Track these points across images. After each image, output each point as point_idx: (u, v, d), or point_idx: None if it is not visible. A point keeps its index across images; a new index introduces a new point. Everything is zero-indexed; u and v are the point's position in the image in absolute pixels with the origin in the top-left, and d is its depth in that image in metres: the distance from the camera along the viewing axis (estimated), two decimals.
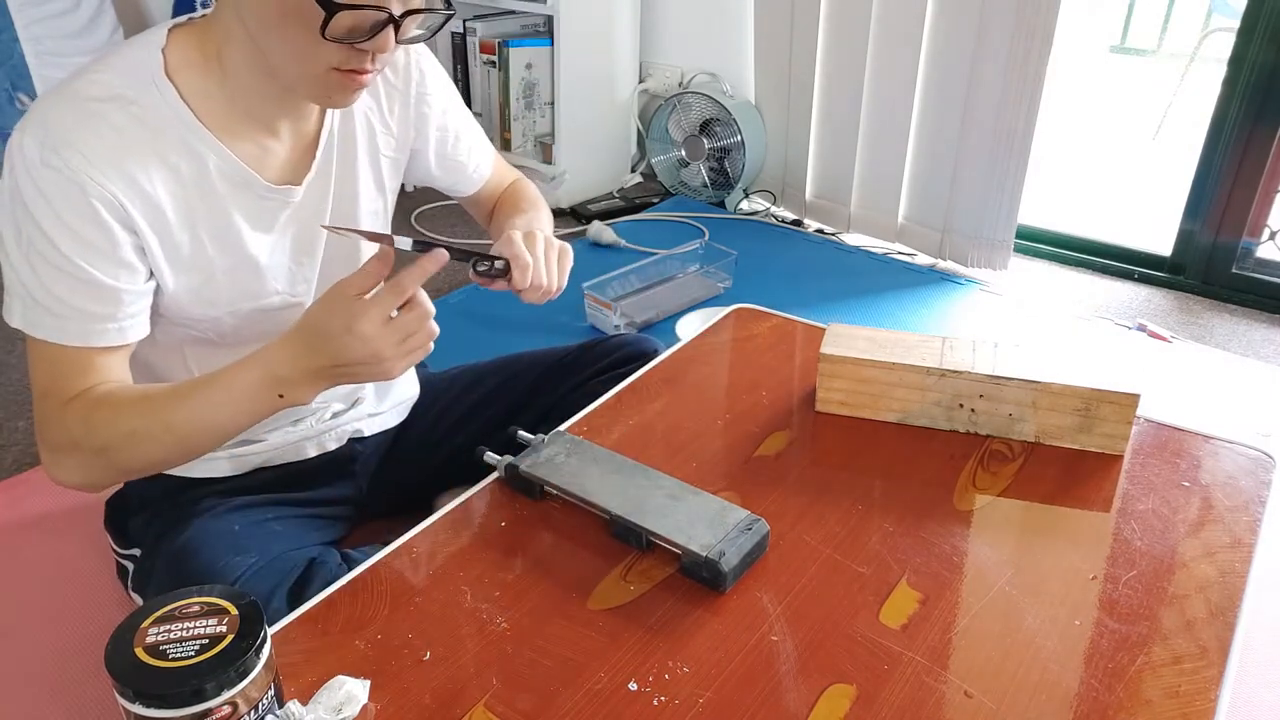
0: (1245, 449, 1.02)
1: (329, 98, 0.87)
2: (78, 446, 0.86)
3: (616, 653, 0.75)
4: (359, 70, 0.83)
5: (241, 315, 0.97)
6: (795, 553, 0.86)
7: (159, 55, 0.86)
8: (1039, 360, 1.02)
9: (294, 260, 0.99)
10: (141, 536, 1.08)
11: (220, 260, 0.92)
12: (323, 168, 0.98)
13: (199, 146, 0.88)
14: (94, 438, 0.85)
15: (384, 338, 0.80)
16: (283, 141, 0.94)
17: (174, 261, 0.90)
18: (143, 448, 0.85)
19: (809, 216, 2.69)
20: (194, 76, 0.87)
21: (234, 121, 0.89)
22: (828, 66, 2.50)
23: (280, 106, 0.91)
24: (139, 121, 0.84)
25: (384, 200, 1.08)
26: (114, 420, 0.84)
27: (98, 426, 0.84)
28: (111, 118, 0.83)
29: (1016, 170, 2.26)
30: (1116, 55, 4.90)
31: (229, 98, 0.88)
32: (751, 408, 1.08)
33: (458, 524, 0.90)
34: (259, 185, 0.92)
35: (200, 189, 0.89)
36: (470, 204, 1.25)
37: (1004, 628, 0.78)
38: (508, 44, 2.69)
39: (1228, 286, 2.30)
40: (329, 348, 0.81)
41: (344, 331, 0.79)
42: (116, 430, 0.84)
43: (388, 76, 1.03)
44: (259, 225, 0.94)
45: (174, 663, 0.59)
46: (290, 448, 1.11)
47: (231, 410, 0.85)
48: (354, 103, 0.90)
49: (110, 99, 0.83)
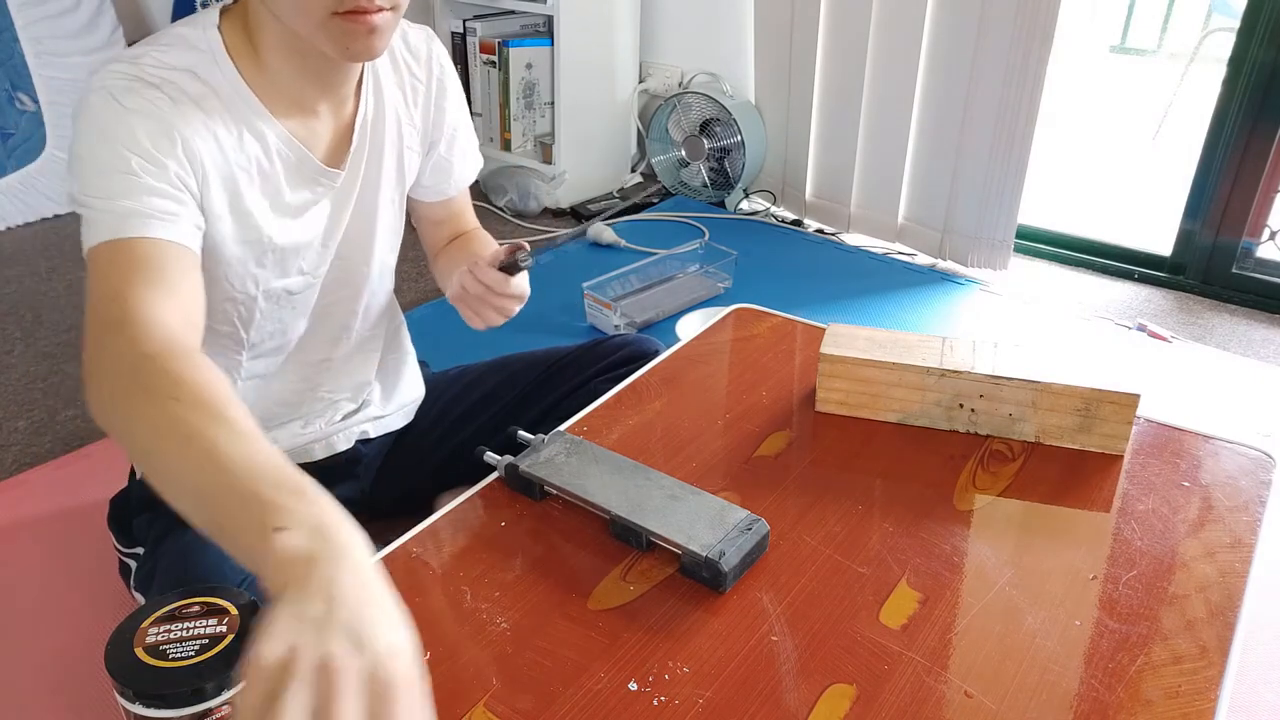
0: (1245, 449, 1.02)
1: (347, 48, 0.84)
2: (117, 371, 0.69)
3: (616, 653, 0.75)
4: (359, 10, 0.81)
5: (272, 295, 0.99)
6: (795, 553, 0.86)
7: (217, 35, 0.88)
8: (1039, 360, 1.02)
9: (321, 243, 1.01)
10: (144, 535, 1.08)
11: (271, 233, 0.95)
12: (357, 152, 1.00)
13: (260, 124, 0.90)
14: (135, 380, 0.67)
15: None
16: (325, 124, 0.96)
17: (232, 228, 0.91)
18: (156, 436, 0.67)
19: (809, 216, 2.69)
20: (245, 57, 0.89)
21: (281, 103, 0.91)
22: (828, 66, 2.50)
23: (316, 86, 0.92)
24: (208, 96, 0.87)
25: (402, 191, 1.09)
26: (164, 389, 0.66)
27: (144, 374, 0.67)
28: (185, 86, 0.85)
29: (1016, 170, 2.26)
30: (1116, 55, 4.90)
31: (270, 80, 0.90)
32: (751, 408, 1.08)
33: (458, 524, 0.90)
34: (312, 165, 0.95)
35: (260, 165, 0.92)
36: (432, 215, 1.19)
37: (1004, 628, 0.78)
38: (508, 44, 2.69)
39: (1228, 286, 2.30)
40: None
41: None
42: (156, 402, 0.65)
43: (413, 70, 1.04)
44: (305, 204, 0.97)
45: (174, 663, 0.59)
46: (298, 450, 1.11)
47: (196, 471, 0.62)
48: (377, 50, 0.86)
49: (183, 70, 0.86)
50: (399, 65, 1.04)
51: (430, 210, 1.19)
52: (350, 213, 1.03)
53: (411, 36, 1.05)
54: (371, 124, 1.01)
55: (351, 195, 1.02)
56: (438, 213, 1.19)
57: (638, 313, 2.09)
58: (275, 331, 1.04)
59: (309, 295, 1.04)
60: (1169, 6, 4.82)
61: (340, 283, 1.07)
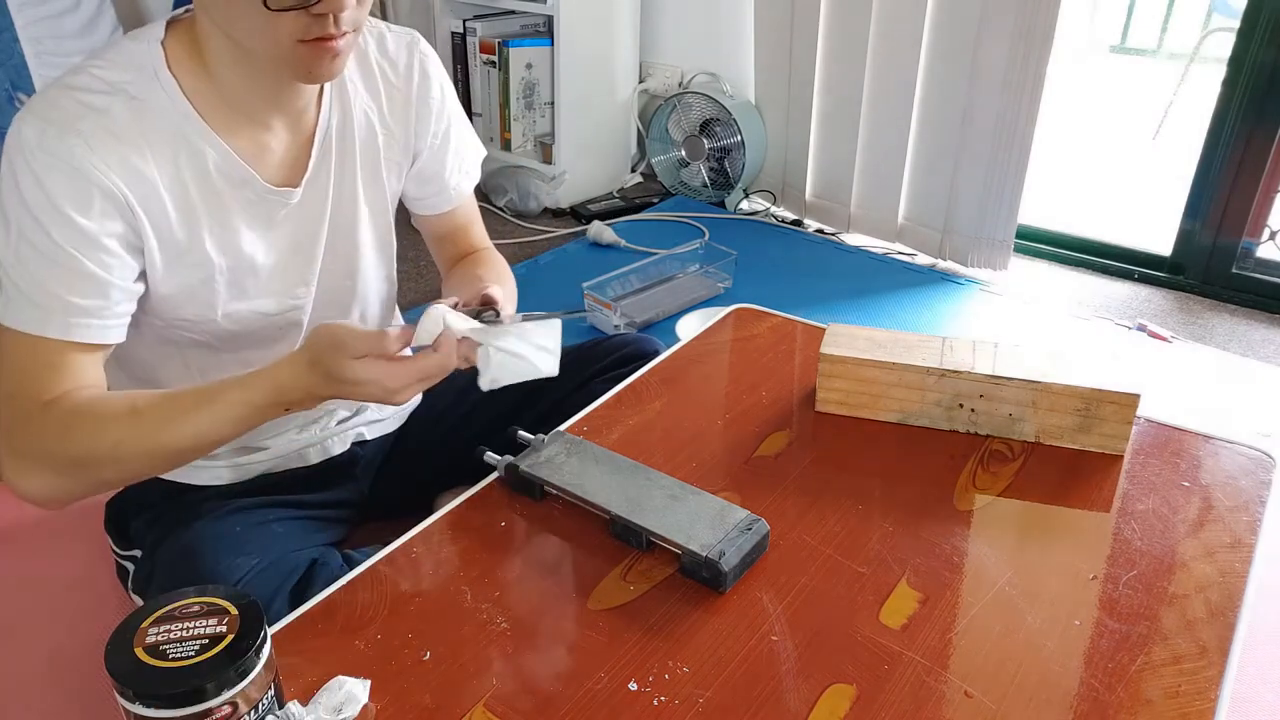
0: (1245, 449, 1.02)
1: (309, 72, 0.83)
2: (51, 456, 0.82)
3: (616, 653, 0.75)
4: (325, 37, 0.80)
5: (237, 318, 0.96)
6: (795, 553, 0.86)
7: (159, 49, 0.85)
8: (1039, 360, 1.02)
9: (292, 262, 0.98)
10: (142, 538, 1.07)
11: (218, 259, 0.91)
12: (320, 168, 0.96)
13: (199, 142, 0.87)
14: (72, 448, 0.81)
15: (395, 376, 0.81)
16: (279, 139, 0.93)
17: (171, 257, 0.88)
18: (127, 461, 0.82)
19: (809, 216, 2.69)
20: (190, 72, 0.86)
21: (229, 118, 0.88)
22: (828, 66, 2.50)
23: (266, 100, 0.89)
24: (141, 115, 0.84)
25: (385, 204, 1.05)
26: (98, 431, 0.81)
27: (78, 437, 0.81)
28: (113, 109, 0.82)
29: (1016, 170, 2.26)
30: (1116, 55, 4.90)
31: (219, 93, 0.87)
32: (751, 408, 1.08)
33: (458, 524, 0.90)
34: (257, 184, 0.91)
35: (200, 186, 0.88)
36: (432, 229, 1.16)
37: (1004, 628, 0.78)
38: (508, 44, 2.68)
39: (1228, 286, 2.30)
40: (335, 374, 0.81)
41: (349, 368, 0.80)
42: (100, 442, 0.81)
43: (389, 77, 1.01)
44: (257, 225, 0.93)
45: (174, 663, 0.59)
46: (294, 454, 1.10)
47: (233, 427, 0.84)
48: (338, 72, 0.85)
49: (113, 92, 0.83)
50: (372, 73, 1.00)
51: (428, 224, 1.15)
52: (327, 229, 0.99)
53: (390, 43, 1.01)
54: (337, 136, 0.97)
55: (324, 212, 0.98)
56: (437, 227, 1.15)
57: (638, 313, 2.09)
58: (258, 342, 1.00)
59: (290, 317, 1.00)
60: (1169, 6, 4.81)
61: (328, 302, 1.03)
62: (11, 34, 2.44)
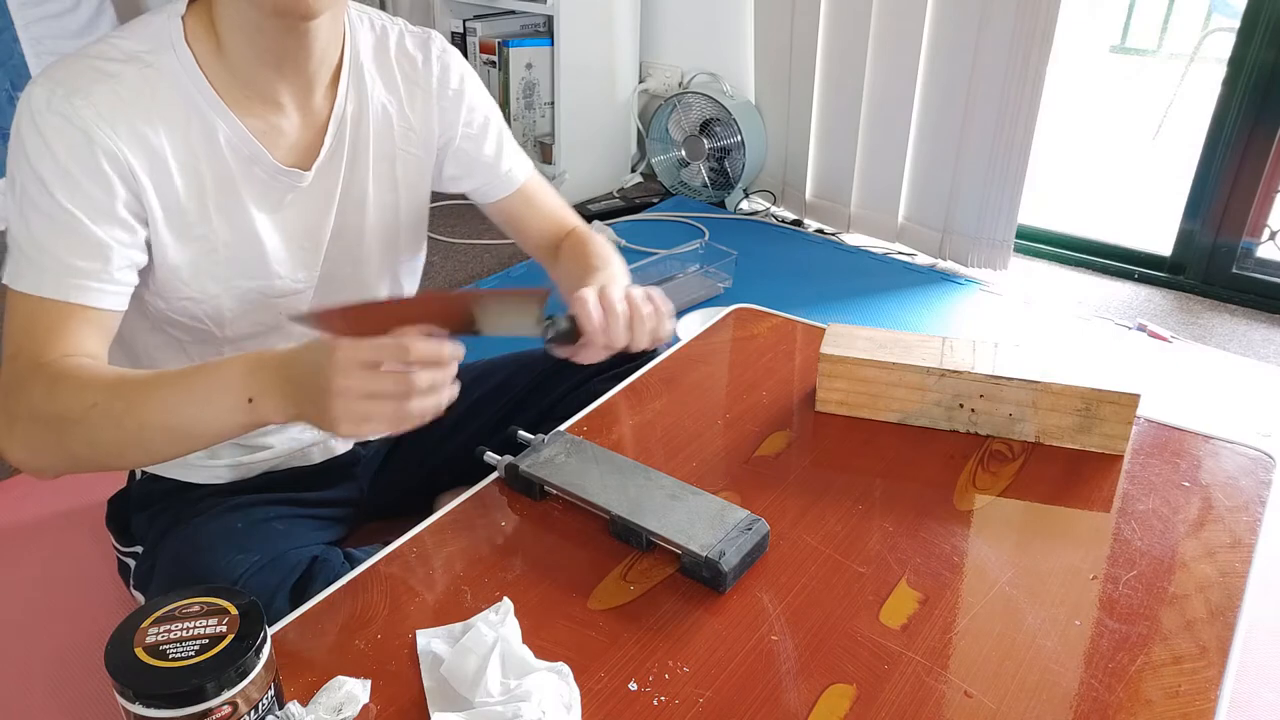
0: (1245, 449, 1.02)
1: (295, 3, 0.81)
2: (34, 413, 0.80)
3: (616, 653, 0.75)
4: None
5: (241, 296, 0.96)
6: (795, 553, 0.86)
7: (179, 23, 0.87)
8: (1039, 360, 1.02)
9: (299, 246, 0.98)
10: (143, 534, 1.07)
11: (223, 233, 0.92)
12: (333, 153, 0.97)
13: (211, 115, 0.88)
14: (52, 404, 0.79)
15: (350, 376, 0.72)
16: (291, 122, 0.93)
17: (176, 227, 0.89)
18: (99, 428, 0.78)
19: (809, 216, 2.69)
20: (206, 47, 0.87)
21: (242, 95, 0.89)
22: (828, 66, 2.50)
23: (270, 67, 0.89)
24: (153, 83, 0.85)
25: (398, 198, 1.06)
26: (79, 391, 0.78)
27: (60, 394, 0.79)
28: (125, 76, 0.83)
29: (1016, 170, 2.26)
30: (1116, 55, 4.90)
31: (231, 69, 0.88)
32: (751, 408, 1.08)
33: (458, 524, 0.90)
34: (266, 162, 0.92)
35: (209, 158, 0.89)
36: (504, 215, 1.18)
37: (1004, 628, 0.78)
38: (508, 44, 2.69)
39: (1228, 286, 2.31)
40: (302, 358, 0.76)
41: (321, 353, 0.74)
42: (78, 401, 0.78)
43: (408, 73, 1.02)
44: (264, 205, 0.94)
45: (174, 663, 0.59)
46: (296, 454, 1.11)
47: (200, 410, 0.77)
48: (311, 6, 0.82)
49: (127, 60, 0.84)
50: (391, 69, 1.01)
51: (494, 212, 1.17)
52: (334, 216, 0.99)
53: (409, 41, 1.04)
54: (352, 124, 0.98)
55: (333, 198, 0.99)
56: (500, 213, 1.17)
57: None
58: (261, 328, 1.00)
59: (293, 300, 1.00)
60: (1169, 6, 4.82)
61: (334, 290, 1.04)
62: (11, 34, 2.44)
